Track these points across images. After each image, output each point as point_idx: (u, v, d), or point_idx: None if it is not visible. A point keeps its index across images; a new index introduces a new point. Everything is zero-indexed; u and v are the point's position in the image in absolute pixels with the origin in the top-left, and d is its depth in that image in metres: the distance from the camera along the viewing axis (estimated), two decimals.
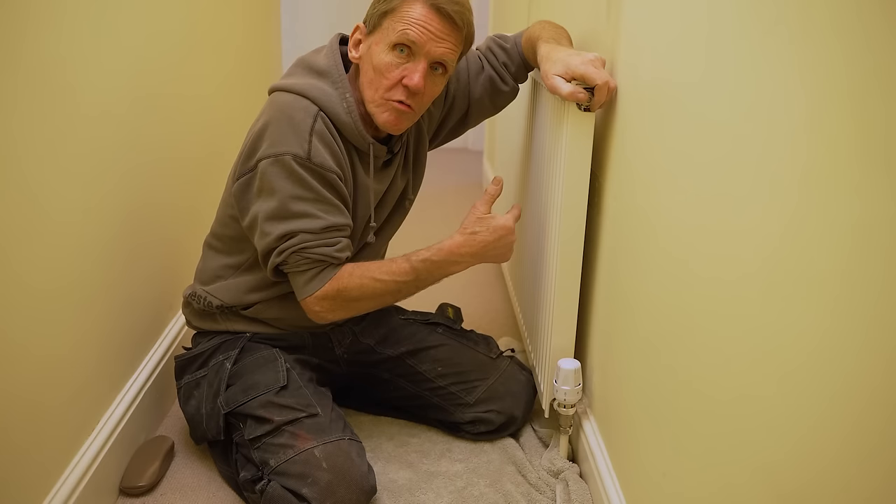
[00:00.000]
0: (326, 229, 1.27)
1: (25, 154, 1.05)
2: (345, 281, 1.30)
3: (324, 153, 1.25)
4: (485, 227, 1.32)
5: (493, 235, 1.32)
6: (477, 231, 1.32)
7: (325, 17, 3.94)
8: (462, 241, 1.33)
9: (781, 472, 0.70)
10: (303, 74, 1.31)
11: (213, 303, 1.41)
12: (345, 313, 1.35)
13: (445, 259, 1.33)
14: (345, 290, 1.30)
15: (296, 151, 1.23)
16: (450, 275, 1.35)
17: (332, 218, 1.27)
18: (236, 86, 2.24)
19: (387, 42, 1.25)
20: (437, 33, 1.24)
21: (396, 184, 1.45)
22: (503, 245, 1.34)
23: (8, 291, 1.02)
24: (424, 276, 1.33)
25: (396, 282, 1.32)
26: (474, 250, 1.33)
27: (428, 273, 1.33)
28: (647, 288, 1.08)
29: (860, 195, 0.59)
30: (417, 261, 1.32)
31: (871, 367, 0.57)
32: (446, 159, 3.67)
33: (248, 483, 1.29)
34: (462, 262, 1.34)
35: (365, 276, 1.30)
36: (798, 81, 0.68)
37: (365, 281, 1.30)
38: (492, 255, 1.34)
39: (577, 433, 1.44)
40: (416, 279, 1.32)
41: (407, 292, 1.34)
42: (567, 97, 1.22)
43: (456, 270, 1.34)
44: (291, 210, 1.25)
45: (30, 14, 1.06)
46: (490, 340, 1.62)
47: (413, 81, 1.24)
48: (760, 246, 0.74)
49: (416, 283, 1.33)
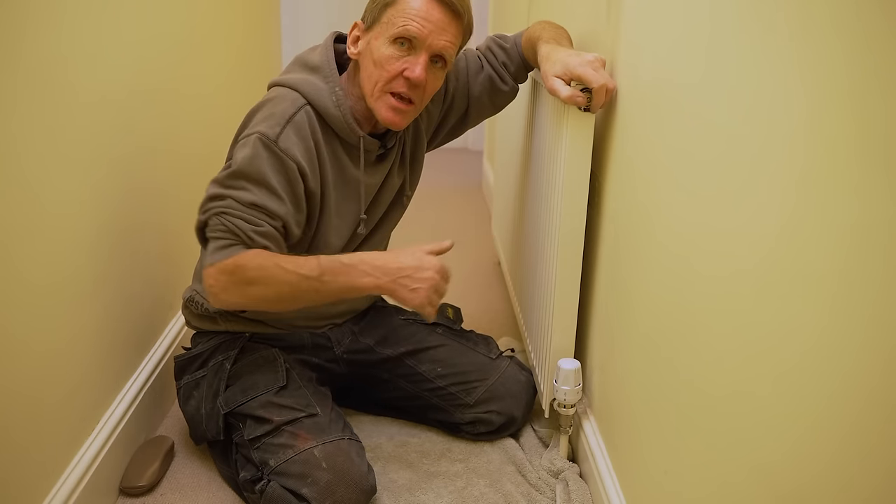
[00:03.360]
0: (254, 206, 1.22)
1: (25, 150, 1.05)
2: (247, 258, 1.20)
3: (293, 141, 1.25)
4: (410, 255, 1.24)
5: (414, 263, 1.22)
6: (400, 255, 1.24)
7: (325, 17, 3.94)
8: (380, 255, 1.25)
9: (779, 472, 0.70)
10: (297, 70, 1.33)
11: (210, 308, 1.41)
12: (238, 297, 1.23)
13: (355, 265, 1.22)
14: (243, 268, 1.20)
15: (265, 132, 1.24)
16: (356, 289, 1.23)
17: (266, 201, 1.23)
18: (237, 85, 2.24)
19: (387, 35, 1.25)
20: (439, 23, 1.25)
21: (393, 180, 1.45)
22: (420, 279, 1.21)
23: (7, 287, 1.02)
24: (329, 279, 1.21)
25: (299, 274, 1.20)
26: (388, 268, 1.22)
27: (333, 276, 1.22)
28: (649, 287, 1.08)
29: (859, 194, 0.59)
30: (327, 259, 1.23)
31: (869, 365, 0.57)
32: (446, 159, 3.67)
33: (248, 483, 1.29)
34: (371, 276, 1.22)
35: (269, 260, 1.21)
36: (798, 81, 0.68)
37: (267, 264, 1.20)
38: (405, 284, 1.22)
39: (577, 433, 1.44)
40: (319, 277, 1.21)
41: (307, 291, 1.22)
42: (566, 101, 1.23)
43: (363, 284, 1.22)
44: (234, 179, 1.24)
45: (30, 10, 1.06)
46: (490, 340, 1.62)
47: (415, 74, 1.24)
48: (760, 244, 0.74)
49: (320, 283, 1.22)
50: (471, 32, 1.33)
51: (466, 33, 1.32)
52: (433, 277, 1.23)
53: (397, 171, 1.45)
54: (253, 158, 1.23)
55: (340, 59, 1.37)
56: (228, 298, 1.24)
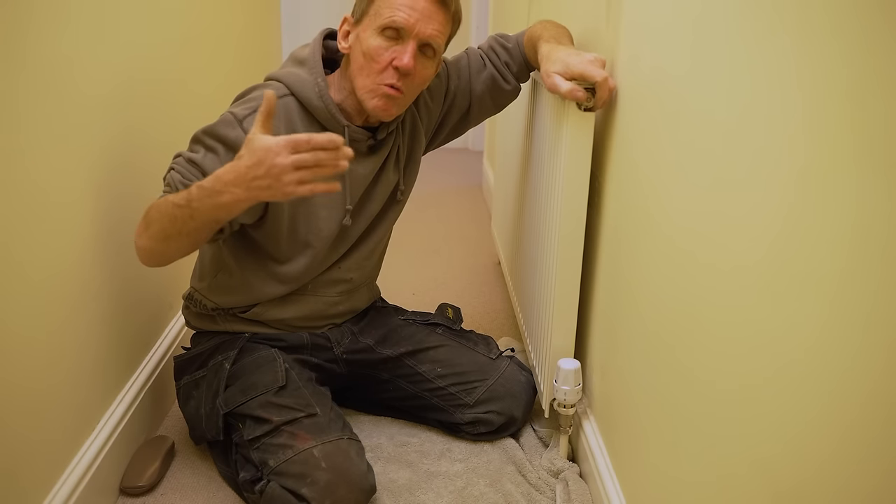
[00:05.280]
0: (193, 163, 1.25)
1: (25, 149, 1.05)
2: (154, 203, 1.22)
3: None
4: (247, 150, 1.10)
5: (253, 159, 1.08)
6: (241, 155, 1.11)
7: (324, 16, 3.94)
8: (231, 168, 1.12)
9: (779, 469, 0.70)
10: (289, 65, 1.36)
11: (209, 305, 1.41)
12: (146, 240, 1.22)
13: (212, 186, 1.13)
14: (147, 211, 1.22)
15: (235, 111, 1.27)
16: (222, 207, 1.14)
17: (206, 161, 1.24)
18: (237, 85, 2.24)
19: (375, 27, 1.26)
20: (425, 12, 1.26)
21: (388, 176, 1.44)
22: (266, 173, 1.08)
23: (7, 286, 1.02)
24: (197, 205, 1.14)
25: (173, 204, 1.16)
26: (236, 176, 1.11)
27: (199, 200, 1.14)
28: (649, 287, 1.08)
29: (859, 192, 0.59)
30: (195, 186, 1.16)
31: (870, 361, 0.57)
32: (446, 159, 3.67)
33: (248, 483, 1.29)
34: (228, 193, 1.12)
35: (162, 199, 1.20)
36: (796, 80, 0.68)
37: (159, 202, 1.20)
38: (257, 185, 1.10)
39: (577, 433, 1.44)
40: (188, 203, 1.15)
41: (184, 220, 1.17)
42: (566, 95, 1.23)
43: (225, 201, 1.12)
44: (192, 143, 1.29)
45: (32, 9, 1.06)
46: (490, 340, 1.62)
47: (403, 62, 1.25)
48: (760, 241, 0.74)
49: (191, 210, 1.15)
50: (459, 21, 1.34)
51: (455, 23, 1.32)
52: (277, 164, 1.07)
53: (392, 167, 1.45)
54: (212, 129, 1.26)
55: (333, 55, 1.37)
56: (138, 243, 1.24)
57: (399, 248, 1.45)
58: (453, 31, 1.34)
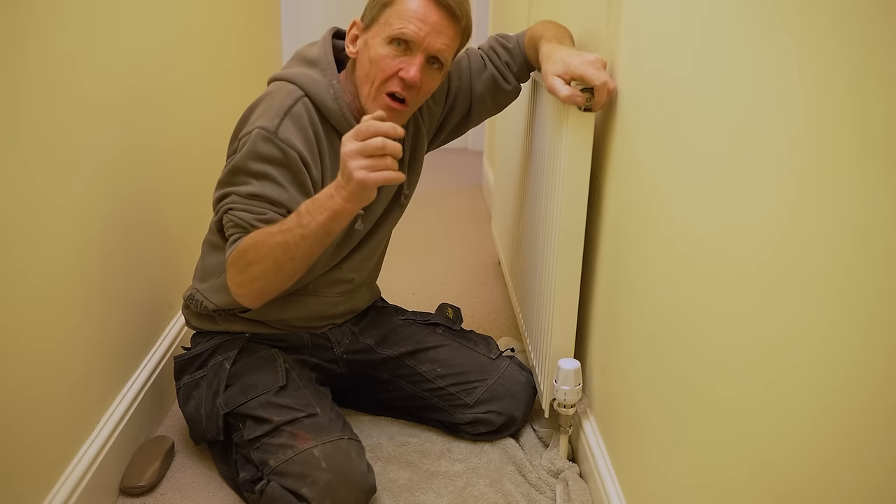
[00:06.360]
0: (254, 196, 1.24)
1: (25, 149, 1.05)
2: (242, 242, 1.22)
3: (292, 132, 1.26)
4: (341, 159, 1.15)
5: (342, 166, 1.14)
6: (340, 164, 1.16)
7: (324, 16, 3.94)
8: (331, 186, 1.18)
9: (781, 471, 0.70)
10: (296, 65, 1.34)
11: (209, 306, 1.41)
12: (249, 281, 1.23)
13: (318, 198, 1.18)
14: (242, 252, 1.22)
15: (265, 125, 1.25)
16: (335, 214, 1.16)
17: (266, 189, 1.24)
18: (237, 85, 2.24)
19: (384, 35, 1.25)
20: (436, 25, 1.25)
21: None
22: (348, 177, 1.13)
23: (8, 286, 1.02)
24: (308, 220, 1.17)
25: (282, 230, 1.19)
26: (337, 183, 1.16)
27: (310, 215, 1.17)
28: (649, 287, 1.08)
29: (860, 192, 0.58)
30: (302, 206, 1.20)
31: (872, 364, 0.57)
32: (446, 159, 3.67)
33: (248, 483, 1.29)
34: (334, 197, 1.15)
35: (258, 233, 1.21)
36: (797, 80, 0.68)
37: (258, 237, 1.21)
38: (339, 182, 1.15)
39: (577, 433, 1.44)
40: (299, 223, 1.18)
41: (296, 242, 1.18)
42: (565, 100, 1.23)
43: (336, 206, 1.16)
44: (235, 175, 1.26)
45: (33, 10, 1.06)
46: (490, 341, 1.62)
47: (409, 75, 1.24)
48: (763, 243, 0.74)
49: (302, 228, 1.18)
50: (469, 35, 1.33)
51: (465, 36, 1.32)
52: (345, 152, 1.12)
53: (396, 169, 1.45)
54: (252, 152, 1.24)
55: (339, 55, 1.37)
56: (242, 290, 1.26)
57: (399, 248, 1.45)
58: (462, 44, 1.33)
